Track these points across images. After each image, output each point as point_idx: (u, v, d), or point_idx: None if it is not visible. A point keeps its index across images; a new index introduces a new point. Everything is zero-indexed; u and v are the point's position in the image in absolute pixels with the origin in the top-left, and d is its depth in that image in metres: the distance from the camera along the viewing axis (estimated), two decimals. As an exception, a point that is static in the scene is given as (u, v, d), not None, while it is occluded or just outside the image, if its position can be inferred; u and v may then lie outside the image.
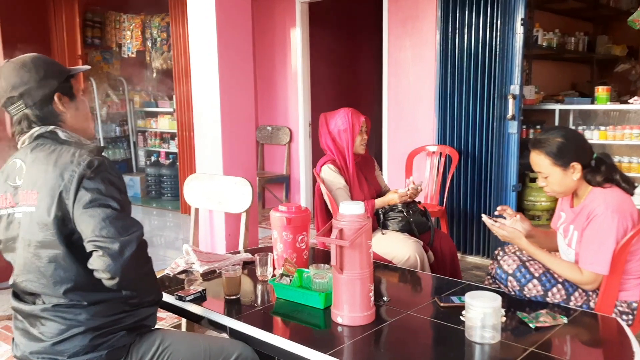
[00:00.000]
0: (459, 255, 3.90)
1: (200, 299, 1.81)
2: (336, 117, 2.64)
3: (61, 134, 1.46)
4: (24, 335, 1.45)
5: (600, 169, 1.82)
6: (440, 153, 3.98)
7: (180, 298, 1.79)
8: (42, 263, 1.38)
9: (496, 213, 2.02)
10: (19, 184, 1.42)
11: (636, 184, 1.92)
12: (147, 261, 1.42)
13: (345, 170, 2.63)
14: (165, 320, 2.87)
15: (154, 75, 6.22)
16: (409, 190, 2.62)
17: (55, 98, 1.46)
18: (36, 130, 1.45)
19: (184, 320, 2.42)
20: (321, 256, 2.33)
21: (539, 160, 1.86)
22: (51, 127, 1.45)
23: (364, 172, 2.74)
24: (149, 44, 5.95)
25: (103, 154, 1.42)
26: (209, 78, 2.83)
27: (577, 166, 1.81)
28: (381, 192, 2.80)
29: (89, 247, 1.31)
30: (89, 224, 1.31)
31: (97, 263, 1.30)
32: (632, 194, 1.83)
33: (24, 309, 1.45)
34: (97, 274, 1.32)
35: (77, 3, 5.67)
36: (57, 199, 1.34)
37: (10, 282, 1.48)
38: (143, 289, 1.49)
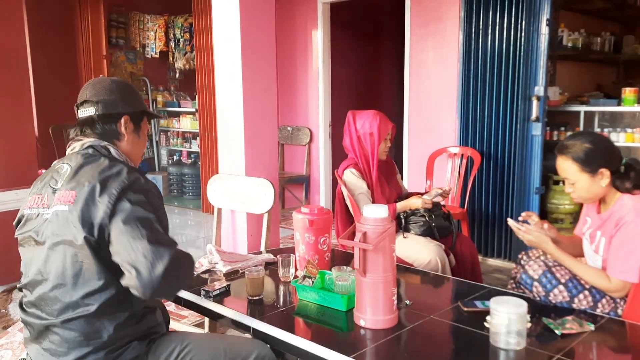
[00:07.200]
0: (480, 257, 3.86)
1: (225, 293, 1.86)
2: (364, 118, 2.61)
3: (113, 151, 1.52)
4: (38, 353, 1.43)
5: (630, 174, 1.78)
6: (462, 155, 3.95)
7: (208, 293, 1.83)
8: (63, 261, 1.38)
9: (520, 219, 1.99)
10: (59, 186, 1.44)
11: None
12: (178, 277, 1.39)
13: (368, 175, 2.62)
14: (187, 318, 2.91)
15: (177, 75, 6.30)
16: (438, 192, 2.61)
17: (122, 119, 1.55)
18: (90, 141, 1.51)
19: (206, 319, 2.45)
20: (341, 257, 2.33)
21: (566, 167, 1.82)
22: (105, 143, 1.52)
23: (386, 176, 2.73)
24: (172, 44, 6.03)
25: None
26: (233, 79, 2.85)
27: (605, 172, 1.77)
28: (401, 195, 2.79)
29: (122, 266, 1.34)
30: (123, 242, 1.33)
31: (129, 281, 1.32)
32: (662, 201, 1.78)
33: (34, 323, 1.43)
34: (130, 288, 1.34)
35: (102, 4, 5.78)
36: (94, 204, 1.36)
37: (25, 280, 1.46)
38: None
